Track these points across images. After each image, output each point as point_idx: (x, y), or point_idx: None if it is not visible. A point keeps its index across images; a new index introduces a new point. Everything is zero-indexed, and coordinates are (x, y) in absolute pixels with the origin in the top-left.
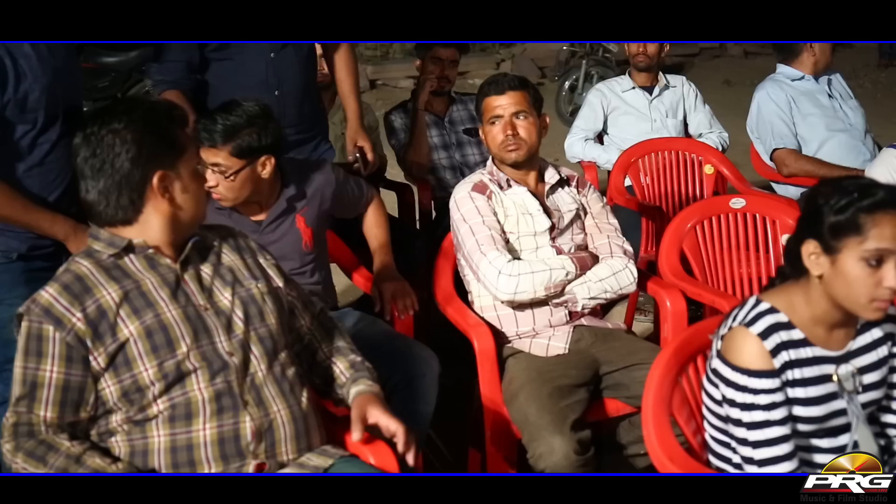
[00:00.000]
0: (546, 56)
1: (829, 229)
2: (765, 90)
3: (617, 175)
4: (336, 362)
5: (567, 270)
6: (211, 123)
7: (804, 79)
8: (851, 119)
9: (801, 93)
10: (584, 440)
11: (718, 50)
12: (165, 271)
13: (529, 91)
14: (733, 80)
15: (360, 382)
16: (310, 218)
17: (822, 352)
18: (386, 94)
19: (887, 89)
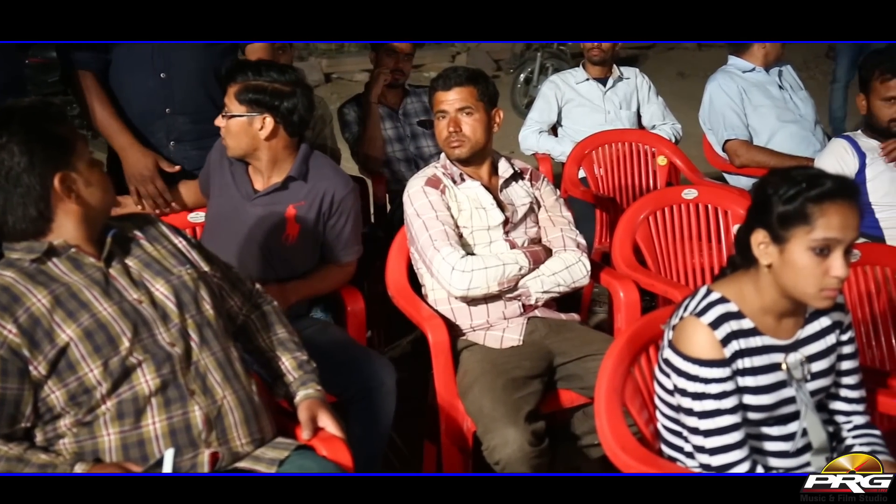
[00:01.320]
0: (501, 49)
1: (778, 219)
2: (716, 82)
3: (571, 167)
4: (281, 358)
5: (520, 265)
6: (239, 67)
7: (755, 70)
8: (802, 110)
9: (752, 84)
10: (538, 431)
11: (672, 42)
12: (91, 270)
13: (479, 86)
14: (687, 72)
15: (310, 386)
16: (302, 214)
17: (772, 341)
18: (341, 88)
19: None
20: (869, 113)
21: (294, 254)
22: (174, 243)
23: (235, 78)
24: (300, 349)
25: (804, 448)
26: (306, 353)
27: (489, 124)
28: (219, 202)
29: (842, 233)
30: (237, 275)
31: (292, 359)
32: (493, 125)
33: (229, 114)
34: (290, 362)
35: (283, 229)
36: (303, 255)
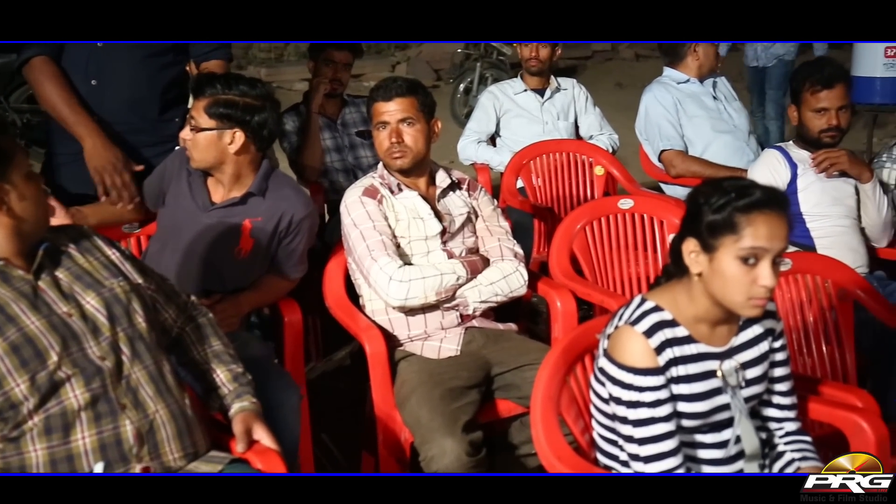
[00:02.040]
0: (441, 58)
1: (707, 228)
2: (652, 93)
3: (509, 177)
4: (216, 370)
5: (458, 275)
6: (208, 79)
7: (689, 82)
8: (736, 121)
9: (687, 95)
10: (475, 441)
11: (610, 53)
12: (20, 283)
13: (419, 97)
14: (625, 83)
15: (245, 398)
16: (258, 230)
17: (706, 348)
18: (280, 97)
19: None
20: (800, 124)
21: (244, 267)
22: (107, 255)
23: (204, 91)
24: (235, 361)
25: (737, 455)
26: (242, 365)
27: (429, 135)
28: (173, 212)
29: (769, 242)
30: (172, 287)
31: (227, 371)
32: (432, 135)
33: (198, 127)
34: (224, 375)
35: (237, 243)
36: (252, 268)
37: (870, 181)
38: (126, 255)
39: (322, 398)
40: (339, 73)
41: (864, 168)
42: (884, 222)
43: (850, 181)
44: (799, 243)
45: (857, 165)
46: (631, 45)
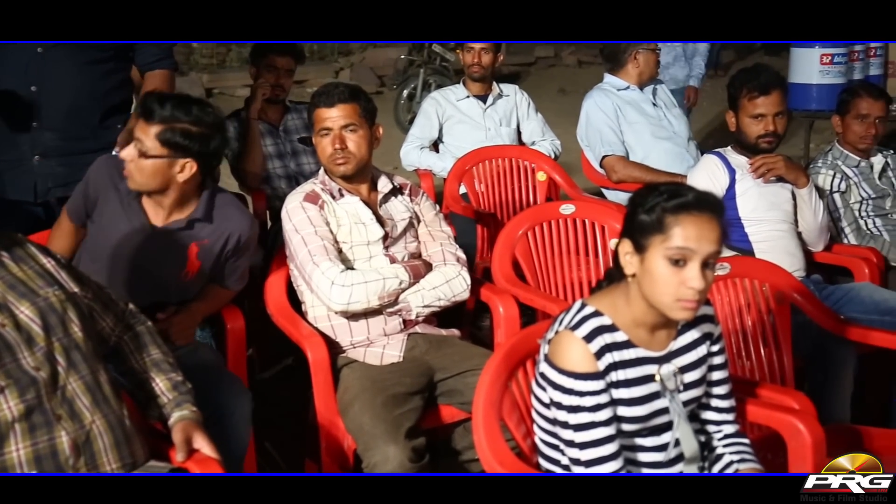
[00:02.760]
0: (385, 64)
1: (638, 228)
2: (593, 99)
3: (452, 183)
4: (155, 379)
5: (400, 279)
6: (159, 101)
7: (629, 88)
8: (675, 127)
9: (627, 102)
10: (418, 448)
11: (553, 59)
12: None
13: (361, 103)
14: (568, 89)
15: (184, 407)
16: (204, 252)
17: (645, 353)
18: (223, 103)
19: (712, 98)
20: (738, 130)
21: (191, 286)
22: (42, 264)
23: (154, 114)
24: (175, 370)
25: (677, 458)
26: (181, 373)
27: (371, 140)
28: (107, 232)
29: (697, 244)
30: (109, 295)
31: (166, 380)
32: (374, 141)
33: (147, 153)
34: (164, 383)
35: (183, 266)
36: (199, 286)
37: (806, 186)
38: (62, 263)
39: (265, 406)
40: (280, 79)
41: (800, 173)
42: (820, 227)
43: (787, 186)
44: (737, 247)
45: (794, 171)
46: (574, 51)
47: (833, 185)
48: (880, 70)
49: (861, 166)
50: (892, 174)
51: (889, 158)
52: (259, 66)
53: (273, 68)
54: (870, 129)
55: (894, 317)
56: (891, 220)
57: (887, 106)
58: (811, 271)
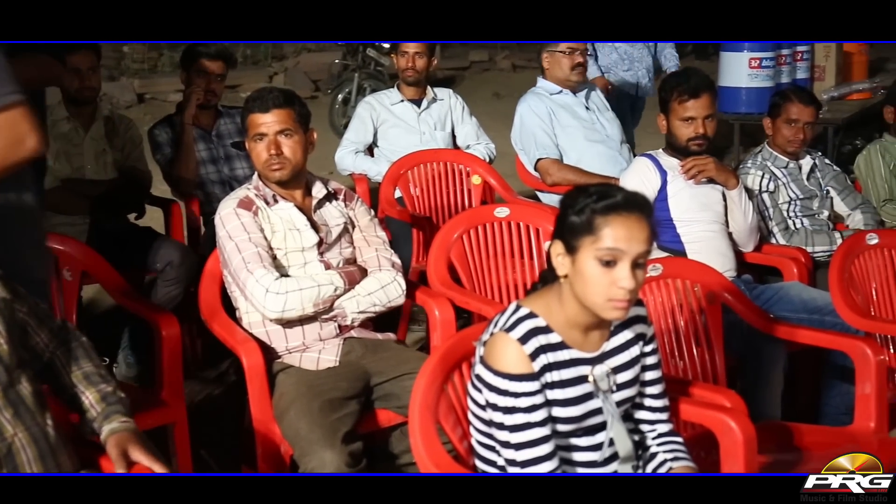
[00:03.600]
0: (319, 69)
1: (569, 230)
2: (526, 103)
3: (387, 187)
4: (85, 392)
5: (335, 286)
6: None
7: (562, 92)
8: (608, 130)
9: (560, 106)
10: (355, 452)
11: (488, 63)
12: None
13: (295, 108)
14: (502, 93)
15: (114, 419)
16: None
17: (579, 353)
18: (155, 108)
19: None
20: (669, 133)
21: None
22: None
23: None
24: (106, 381)
25: (611, 457)
26: (114, 384)
27: (306, 145)
28: None
29: (626, 244)
30: (46, 310)
31: (95, 392)
32: (308, 146)
33: None
34: (93, 396)
35: None
36: None
37: (736, 187)
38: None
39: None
40: (212, 84)
41: (730, 175)
42: (750, 227)
43: (717, 187)
44: (669, 248)
45: (724, 172)
46: (508, 55)
47: (762, 186)
48: (807, 74)
49: (790, 167)
50: (819, 175)
51: (817, 160)
52: (189, 71)
53: (204, 73)
54: (798, 134)
55: (822, 315)
56: (818, 220)
57: (817, 111)
58: (742, 271)
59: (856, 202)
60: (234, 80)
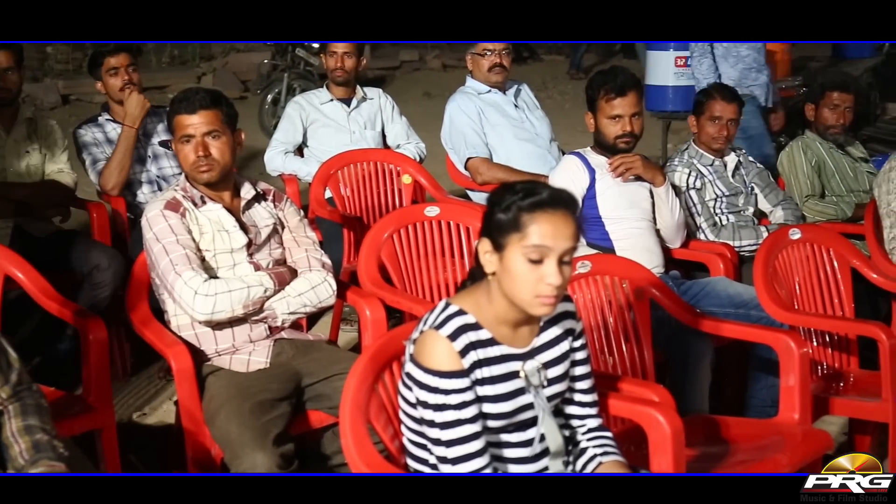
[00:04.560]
0: (248, 69)
1: (496, 227)
2: (456, 102)
3: (317, 187)
4: (19, 442)
5: (265, 287)
6: None
7: (491, 91)
8: (537, 129)
9: (489, 104)
10: (287, 454)
11: (418, 63)
12: None
13: (223, 108)
14: (433, 93)
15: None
16: None
17: (509, 350)
18: (80, 110)
19: (575, 100)
20: (596, 131)
21: None
22: None
23: None
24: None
25: (542, 453)
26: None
27: (234, 146)
28: None
29: (553, 241)
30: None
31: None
32: (236, 147)
33: None
34: (25, 444)
35: None
36: None
37: (663, 185)
38: None
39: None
40: (129, 76)
41: (657, 172)
42: (677, 224)
43: (644, 185)
44: (598, 246)
45: (651, 170)
46: (438, 55)
47: (689, 183)
48: None
49: (715, 165)
50: (744, 172)
51: (741, 157)
52: (102, 76)
53: (114, 69)
54: (722, 131)
55: (748, 309)
56: (743, 216)
57: (740, 108)
58: (669, 267)
59: (778, 198)
60: (162, 81)
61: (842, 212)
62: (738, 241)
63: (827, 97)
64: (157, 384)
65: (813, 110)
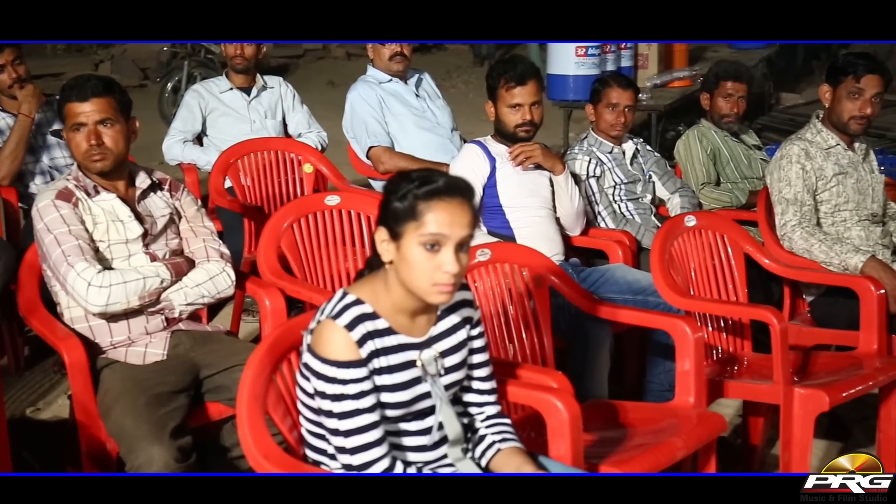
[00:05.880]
0: (147, 57)
1: (392, 216)
2: (357, 91)
3: (217, 176)
4: None
5: (162, 277)
6: None
7: (392, 81)
8: (438, 118)
9: (390, 94)
10: (185, 447)
11: (322, 52)
12: None
13: (116, 96)
14: (337, 81)
15: None
16: None
17: (406, 339)
18: None
19: (478, 89)
20: (497, 119)
21: None
22: None
23: None
24: None
25: (441, 441)
26: None
27: (128, 134)
28: None
29: (449, 229)
30: None
31: None
32: (131, 135)
33: None
34: None
35: None
36: None
37: (562, 173)
38: None
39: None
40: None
41: (556, 161)
42: (576, 212)
43: (545, 173)
44: (499, 234)
45: (551, 158)
46: (342, 44)
47: (589, 171)
48: (631, 62)
49: (614, 152)
50: (642, 161)
51: (639, 146)
52: None
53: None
54: (619, 118)
55: (646, 295)
56: (641, 203)
57: (636, 95)
58: (569, 255)
59: (676, 186)
60: (57, 69)
61: (736, 199)
62: (640, 233)
63: (721, 87)
64: (52, 378)
65: (708, 99)
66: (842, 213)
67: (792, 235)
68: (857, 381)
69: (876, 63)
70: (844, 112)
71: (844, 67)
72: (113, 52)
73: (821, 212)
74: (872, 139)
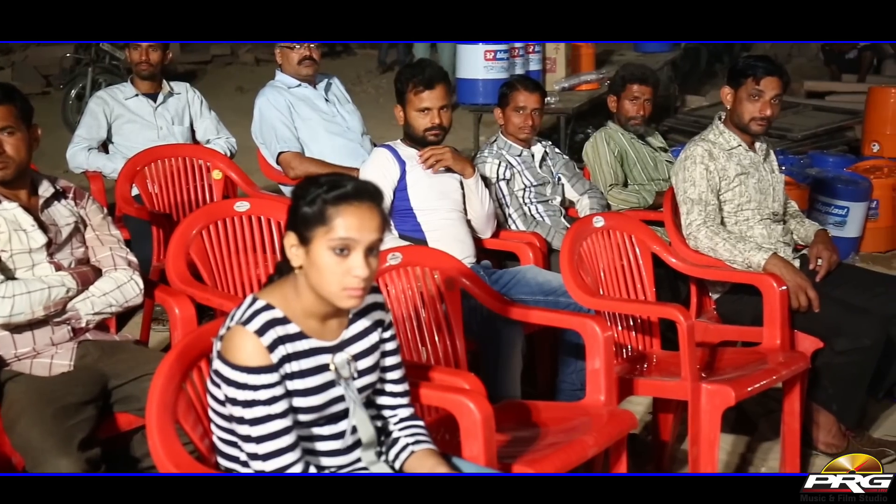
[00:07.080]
0: (50, 63)
1: (301, 221)
2: (265, 97)
3: (123, 184)
4: None
5: (67, 287)
6: None
7: (301, 85)
8: (348, 122)
9: (300, 99)
10: (93, 459)
11: (230, 57)
12: None
13: (16, 103)
14: (246, 87)
15: None
16: None
17: (318, 343)
18: None
19: (388, 94)
20: (406, 123)
21: None
22: None
23: None
24: None
25: (354, 444)
26: None
27: (30, 142)
28: None
29: (359, 233)
30: None
31: None
32: (32, 143)
33: None
34: None
35: None
36: None
37: (472, 176)
38: None
39: None
40: None
41: (466, 164)
42: (487, 214)
43: (455, 176)
44: (410, 237)
45: (461, 161)
46: (251, 49)
47: (499, 174)
48: (539, 66)
49: (523, 155)
50: (551, 163)
51: (547, 148)
52: None
53: None
54: (527, 121)
55: (557, 296)
56: (551, 205)
57: (543, 98)
58: (481, 257)
59: (584, 188)
60: None
61: (643, 200)
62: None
63: (627, 89)
64: None
65: (615, 102)
66: (744, 213)
67: (697, 234)
68: (761, 375)
69: (775, 65)
70: (745, 113)
71: (745, 70)
72: (13, 59)
73: (724, 211)
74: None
